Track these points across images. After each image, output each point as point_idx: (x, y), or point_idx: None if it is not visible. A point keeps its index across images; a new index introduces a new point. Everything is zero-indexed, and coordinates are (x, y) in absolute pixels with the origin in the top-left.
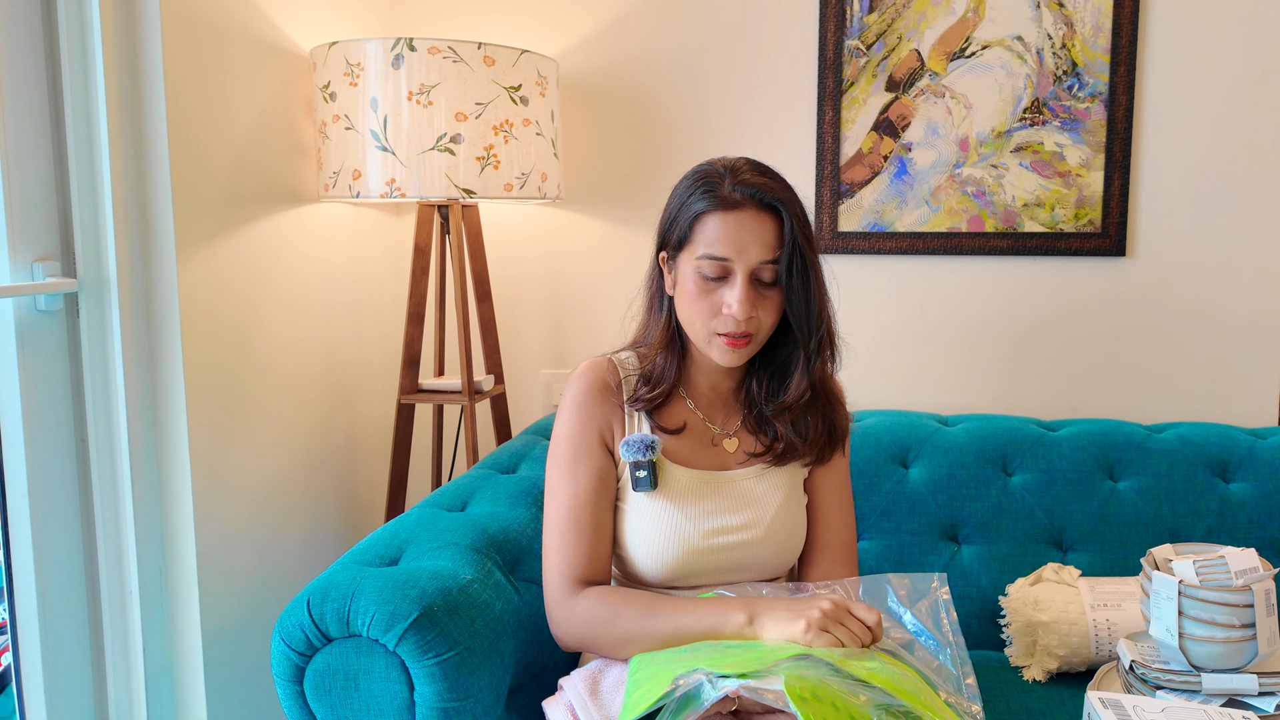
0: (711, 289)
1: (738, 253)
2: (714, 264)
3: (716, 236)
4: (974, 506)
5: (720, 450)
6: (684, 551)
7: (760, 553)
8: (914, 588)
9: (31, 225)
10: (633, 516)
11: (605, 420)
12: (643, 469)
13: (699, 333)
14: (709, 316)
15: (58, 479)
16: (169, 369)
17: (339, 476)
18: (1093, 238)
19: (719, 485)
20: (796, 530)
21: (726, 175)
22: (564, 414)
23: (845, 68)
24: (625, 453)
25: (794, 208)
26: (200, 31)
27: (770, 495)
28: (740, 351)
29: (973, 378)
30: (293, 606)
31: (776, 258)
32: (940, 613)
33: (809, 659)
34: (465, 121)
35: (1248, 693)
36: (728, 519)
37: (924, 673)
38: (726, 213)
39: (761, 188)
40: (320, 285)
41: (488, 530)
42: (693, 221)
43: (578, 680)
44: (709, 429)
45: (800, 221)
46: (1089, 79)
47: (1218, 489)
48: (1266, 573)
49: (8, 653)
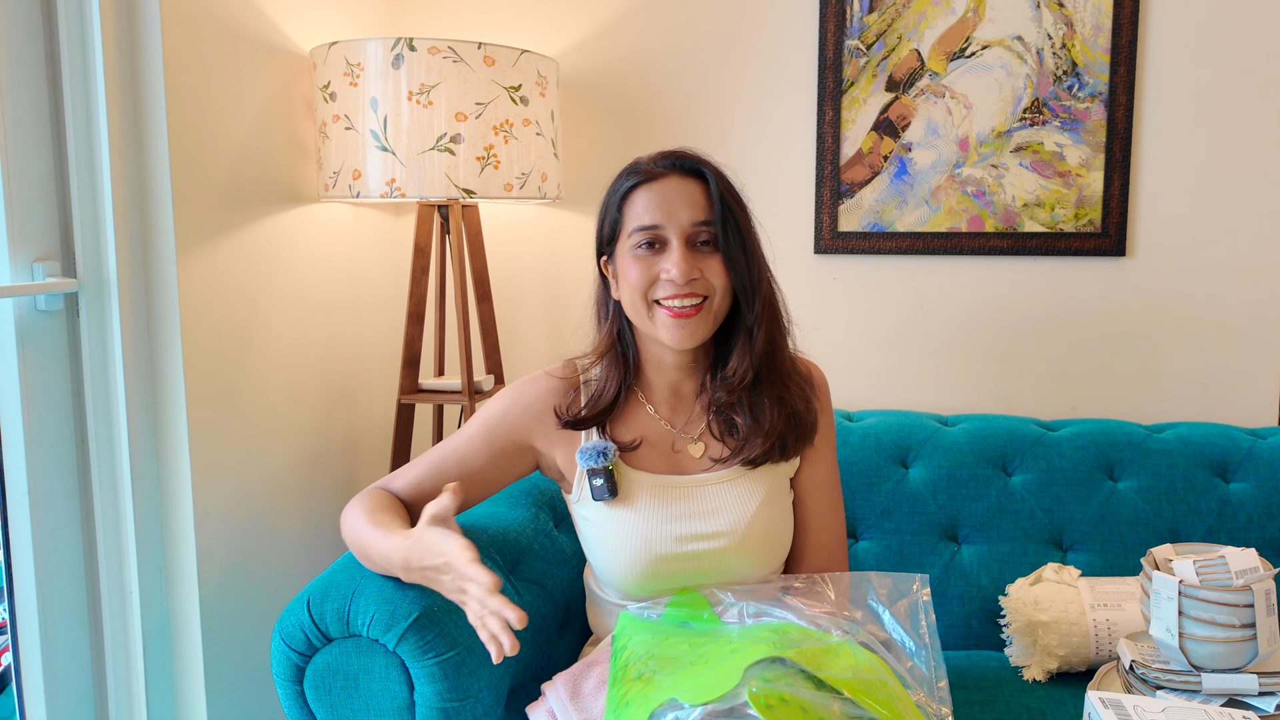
0: (650, 261)
1: (668, 217)
2: (646, 233)
3: (644, 207)
4: (974, 506)
5: (684, 455)
6: (653, 560)
7: (737, 559)
8: (895, 587)
9: (32, 225)
10: (596, 528)
11: (544, 435)
12: (599, 477)
13: (643, 313)
14: (649, 285)
15: (58, 479)
16: (169, 369)
17: (339, 476)
18: (1093, 238)
19: (686, 491)
20: (777, 534)
21: (646, 158)
22: (501, 399)
23: (845, 68)
24: (581, 461)
25: (718, 171)
26: (200, 31)
27: (744, 501)
28: (688, 323)
29: (973, 378)
30: (293, 606)
31: (709, 219)
32: (920, 614)
33: (782, 663)
34: (465, 121)
35: (1248, 693)
36: (697, 525)
37: (898, 672)
38: (651, 183)
39: (681, 155)
40: (320, 285)
41: (487, 530)
42: (621, 204)
43: (559, 684)
44: (673, 435)
45: (726, 183)
46: (1089, 79)
47: (1218, 489)
48: (1267, 573)
49: (8, 652)
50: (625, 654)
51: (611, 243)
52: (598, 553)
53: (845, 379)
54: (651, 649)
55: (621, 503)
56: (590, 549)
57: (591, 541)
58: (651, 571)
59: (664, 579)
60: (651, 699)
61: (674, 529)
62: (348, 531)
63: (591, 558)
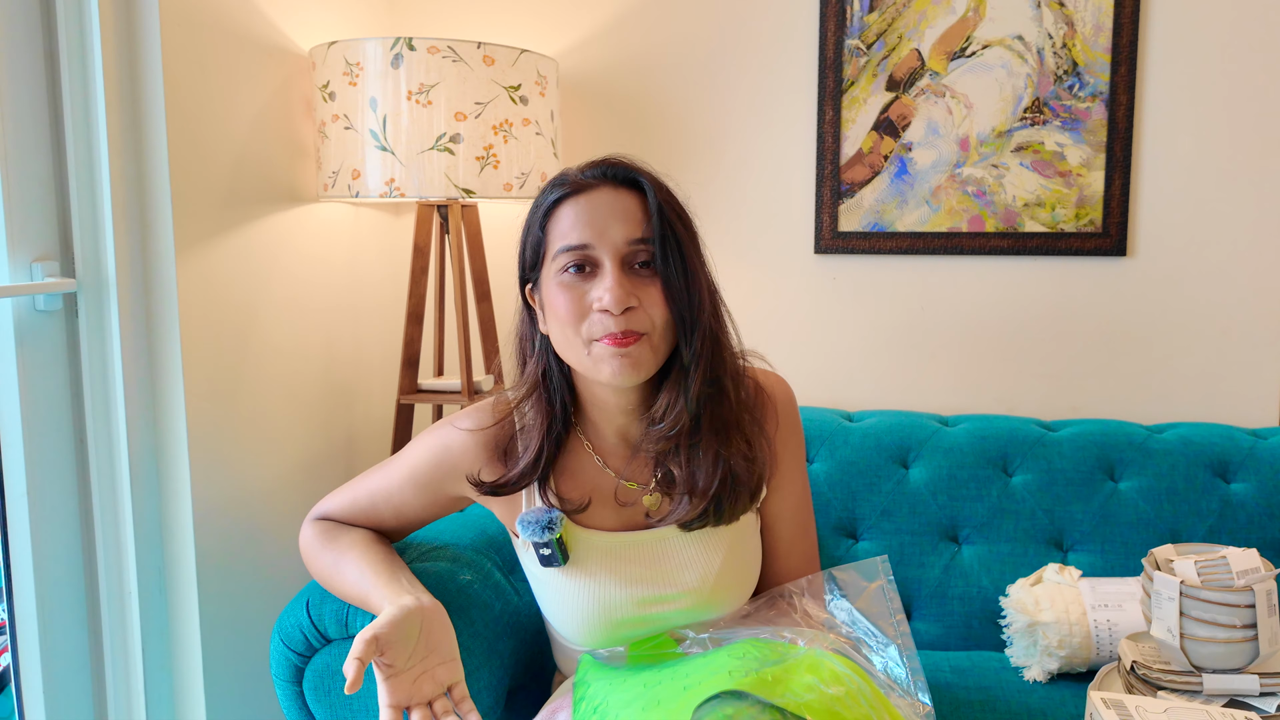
0: (579, 289)
1: (598, 235)
2: (574, 254)
3: (571, 224)
4: (974, 507)
5: (638, 508)
6: (612, 625)
7: (704, 615)
8: (859, 575)
9: (30, 225)
10: (548, 590)
11: (476, 494)
12: (547, 548)
13: (578, 350)
14: (581, 319)
15: (57, 479)
16: (168, 369)
17: (338, 477)
18: (1093, 238)
19: (644, 548)
20: (747, 580)
21: (575, 168)
22: (427, 447)
23: (845, 67)
24: (523, 532)
25: (657, 181)
26: (199, 31)
27: (710, 553)
28: (631, 355)
29: (973, 378)
30: (291, 607)
31: (646, 236)
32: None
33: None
34: (465, 121)
35: (1249, 693)
36: (660, 587)
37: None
38: (578, 196)
39: (614, 163)
40: (319, 285)
41: (486, 530)
42: (544, 221)
43: None
44: (621, 485)
45: (666, 194)
46: (1090, 78)
47: (1219, 489)
48: (1268, 573)
49: (7, 653)
50: (584, 704)
51: (535, 268)
52: (552, 612)
53: (845, 379)
54: (608, 694)
55: (574, 567)
56: (542, 605)
57: (543, 600)
58: (611, 635)
59: (624, 639)
60: None
61: (634, 593)
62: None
63: (545, 613)
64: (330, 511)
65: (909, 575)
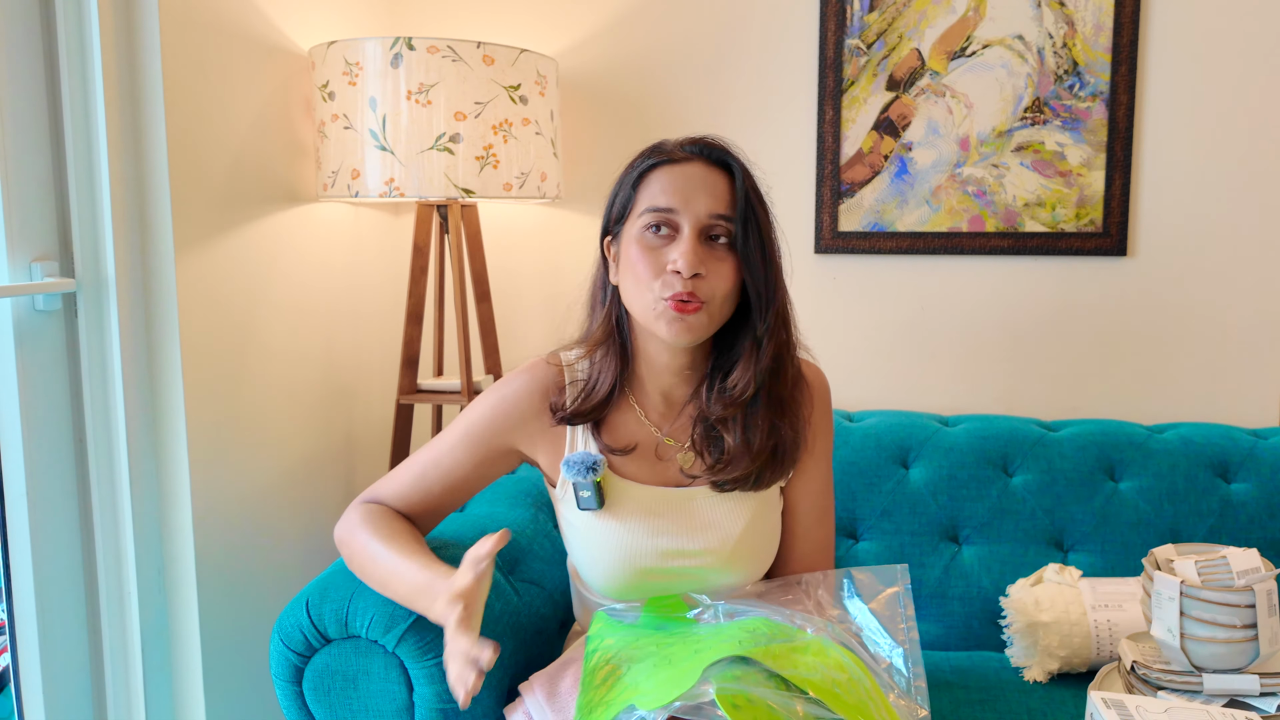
0: (657, 248)
1: (684, 203)
2: (658, 215)
3: (661, 188)
4: (974, 507)
5: (672, 465)
6: (635, 573)
7: (719, 575)
8: (877, 579)
9: (30, 225)
10: (580, 534)
11: (528, 438)
12: (586, 489)
13: (645, 304)
14: (653, 278)
15: (56, 479)
16: (167, 369)
17: (338, 477)
18: (1094, 237)
19: (674, 504)
20: (763, 550)
21: (673, 141)
22: (482, 404)
23: (846, 67)
24: (566, 472)
25: (745, 169)
26: (199, 31)
27: (733, 518)
28: (689, 320)
29: (973, 378)
30: (291, 607)
31: (728, 214)
32: (898, 605)
33: (745, 662)
34: (464, 121)
35: (1249, 693)
36: (683, 541)
37: (874, 671)
38: (673, 165)
39: (710, 144)
40: (319, 285)
41: (486, 531)
42: (636, 183)
43: (536, 686)
44: (661, 441)
45: (752, 182)
46: (1090, 78)
47: (1219, 489)
48: (1268, 573)
49: (6, 653)
50: (596, 656)
51: (619, 222)
52: (580, 557)
53: (845, 379)
54: (620, 650)
55: (608, 513)
56: (572, 551)
57: (574, 545)
58: (633, 583)
59: (645, 590)
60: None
61: (659, 544)
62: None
63: (573, 559)
64: (378, 492)
65: (909, 575)
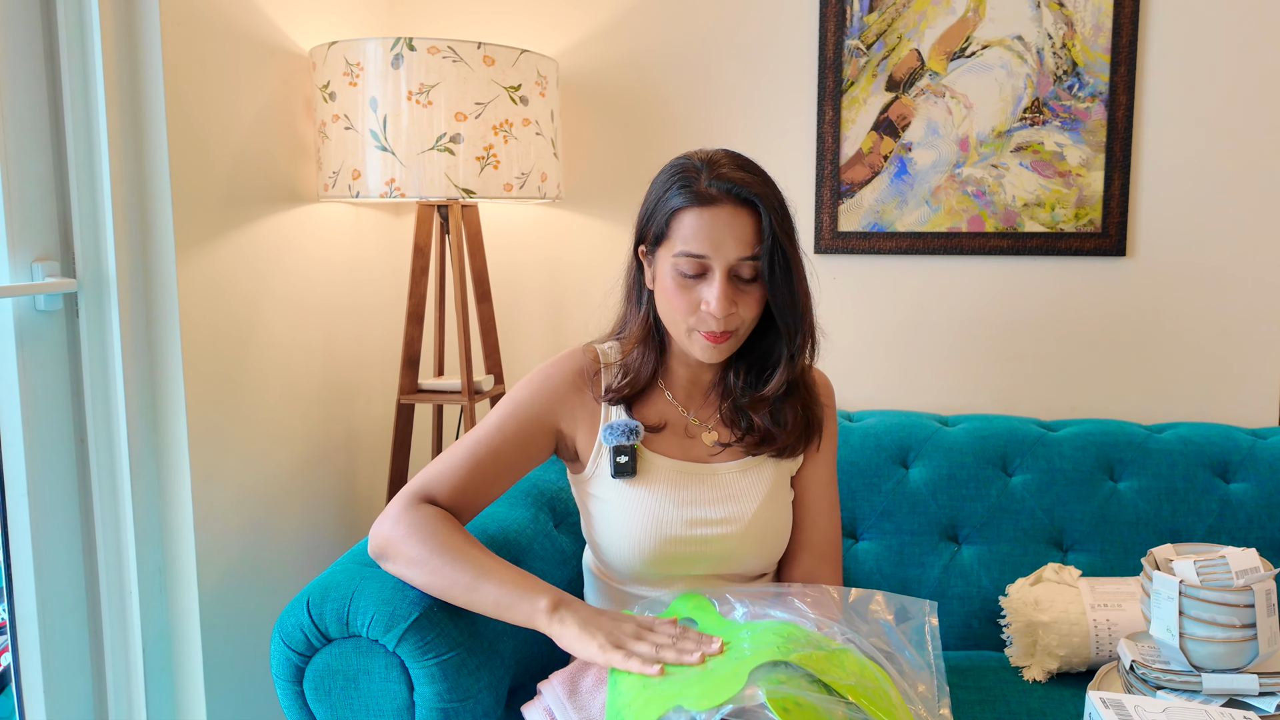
0: (690, 286)
1: (714, 249)
2: (691, 261)
3: (693, 233)
4: (974, 506)
5: (699, 442)
6: (662, 540)
7: (741, 548)
8: (902, 609)
9: (31, 225)
10: (610, 505)
11: (569, 414)
12: (624, 454)
13: (679, 329)
14: (688, 313)
15: (57, 479)
16: (168, 369)
17: (338, 477)
18: (1093, 237)
19: (700, 476)
20: (780, 527)
21: (704, 170)
22: (527, 384)
23: (845, 67)
24: (607, 437)
25: (772, 203)
26: (200, 31)
27: (753, 490)
28: (721, 347)
29: (973, 378)
30: (292, 607)
31: (755, 254)
32: (926, 637)
33: (787, 667)
34: (465, 121)
35: (1248, 693)
36: (708, 511)
37: (899, 684)
38: (703, 208)
39: (739, 182)
40: (320, 285)
41: (486, 530)
42: (669, 218)
43: (556, 683)
44: (687, 421)
45: (779, 216)
46: (1089, 79)
47: (1218, 489)
48: (1267, 573)
49: (7, 653)
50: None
51: (654, 243)
52: (606, 532)
53: (845, 379)
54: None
55: (638, 483)
56: (598, 527)
57: (601, 520)
58: (658, 553)
59: (669, 562)
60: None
61: (685, 513)
62: (436, 546)
63: (599, 536)
64: (428, 485)
65: (909, 575)
